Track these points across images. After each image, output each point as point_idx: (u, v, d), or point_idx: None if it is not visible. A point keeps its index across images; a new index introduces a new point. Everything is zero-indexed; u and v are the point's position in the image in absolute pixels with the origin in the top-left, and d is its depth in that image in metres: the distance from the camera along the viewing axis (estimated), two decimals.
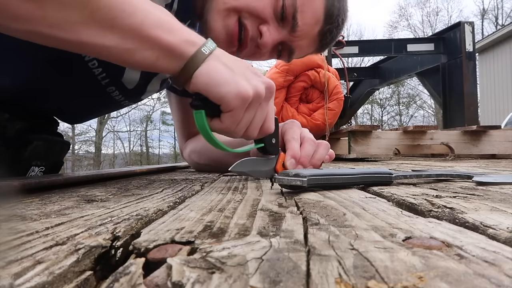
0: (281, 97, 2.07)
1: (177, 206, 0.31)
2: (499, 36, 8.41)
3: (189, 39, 0.41)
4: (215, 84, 0.39)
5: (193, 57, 0.40)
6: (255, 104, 0.43)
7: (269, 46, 0.62)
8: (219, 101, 0.40)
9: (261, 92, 0.42)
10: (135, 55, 0.40)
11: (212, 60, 0.41)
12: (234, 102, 0.40)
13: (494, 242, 0.17)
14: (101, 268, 0.16)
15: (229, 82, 0.40)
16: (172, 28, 0.41)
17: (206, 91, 0.40)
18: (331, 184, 0.41)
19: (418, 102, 16.44)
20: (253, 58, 0.66)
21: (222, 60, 0.42)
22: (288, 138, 0.55)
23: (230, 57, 0.44)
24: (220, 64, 0.41)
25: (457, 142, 1.83)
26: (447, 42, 2.77)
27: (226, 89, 0.39)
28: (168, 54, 0.40)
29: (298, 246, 0.17)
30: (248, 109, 0.42)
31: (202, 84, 0.40)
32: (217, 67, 0.40)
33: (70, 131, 15.00)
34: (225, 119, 0.41)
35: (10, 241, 0.19)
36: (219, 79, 0.40)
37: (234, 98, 0.39)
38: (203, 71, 0.40)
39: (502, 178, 0.45)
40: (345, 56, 2.82)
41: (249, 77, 0.42)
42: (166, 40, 0.40)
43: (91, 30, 0.38)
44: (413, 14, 22.66)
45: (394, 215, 0.25)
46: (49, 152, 0.74)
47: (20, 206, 0.31)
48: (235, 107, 0.40)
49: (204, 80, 0.40)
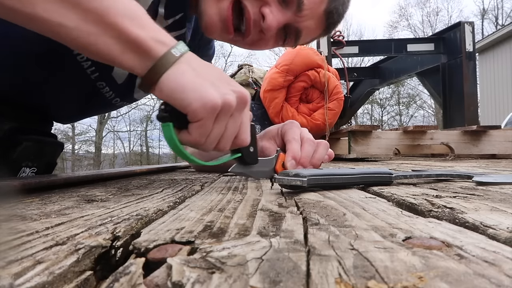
0: (281, 97, 2.07)
1: (177, 206, 0.31)
2: (499, 36, 8.40)
3: (160, 38, 0.38)
4: (181, 90, 0.37)
5: (162, 58, 0.37)
6: (225, 115, 0.39)
7: (274, 28, 0.58)
8: (185, 110, 0.37)
9: (231, 101, 0.39)
10: (97, 42, 0.37)
11: (182, 64, 0.38)
12: (200, 111, 0.37)
13: (494, 242, 0.17)
14: (101, 268, 0.16)
15: (196, 89, 0.37)
16: (143, 23, 0.38)
17: (171, 98, 0.37)
18: (331, 184, 0.41)
19: (418, 102, 16.45)
20: (257, 46, 0.63)
21: (192, 65, 0.39)
22: (289, 139, 0.55)
23: (202, 63, 0.41)
24: (189, 69, 0.38)
25: (457, 142, 1.83)
26: (447, 42, 2.77)
27: (192, 96, 0.36)
28: (135, 49, 0.37)
29: (298, 246, 0.17)
30: (218, 120, 0.39)
31: (168, 90, 0.37)
32: (185, 72, 0.38)
33: (70, 131, 15.02)
34: (193, 130, 0.38)
35: (10, 241, 0.19)
36: (185, 85, 0.37)
37: (201, 106, 0.36)
38: (170, 75, 0.37)
39: (502, 178, 0.45)
40: (345, 56, 2.82)
41: (220, 85, 0.39)
42: (134, 33, 0.37)
43: (49, 5, 0.35)
44: (413, 14, 22.66)
45: (394, 215, 0.25)
46: (40, 153, 0.72)
47: (20, 206, 0.31)
48: (202, 117, 0.37)
49: (170, 86, 0.37)
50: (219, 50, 15.98)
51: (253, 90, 2.24)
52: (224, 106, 0.38)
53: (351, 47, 2.87)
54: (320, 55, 2.15)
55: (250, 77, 2.30)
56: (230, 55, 17.91)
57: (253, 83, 2.28)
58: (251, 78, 2.30)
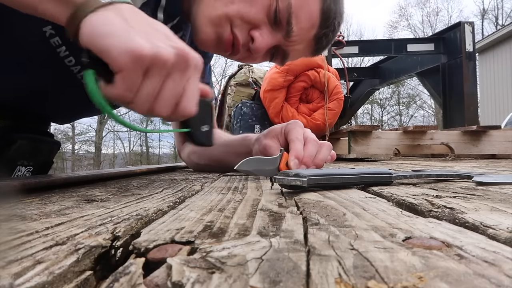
0: (281, 97, 2.07)
1: (177, 206, 0.31)
2: (499, 36, 8.40)
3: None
4: (101, 34, 0.33)
5: (85, 3, 0.34)
6: (158, 71, 0.35)
7: (263, 51, 0.59)
8: (104, 56, 0.33)
9: (164, 55, 0.34)
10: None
11: (110, 11, 0.35)
12: (122, 59, 0.32)
13: (494, 242, 0.17)
14: (101, 268, 0.16)
15: (119, 34, 0.33)
16: None
17: (91, 44, 0.34)
18: (331, 184, 0.41)
19: (418, 102, 16.46)
20: (245, 61, 0.65)
21: (124, 14, 0.35)
22: (292, 138, 0.55)
23: (139, 13, 0.37)
24: (116, 16, 0.34)
25: (457, 142, 1.83)
26: (447, 42, 2.77)
27: (112, 41, 0.33)
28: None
29: (298, 246, 0.17)
30: (148, 76, 0.35)
31: (87, 36, 0.34)
32: (109, 18, 0.34)
33: (70, 131, 15.03)
34: (117, 82, 0.34)
35: (10, 241, 0.19)
36: (107, 31, 0.33)
37: (122, 53, 0.32)
38: (91, 20, 0.34)
39: (502, 178, 0.45)
40: (345, 56, 2.82)
41: (155, 37, 0.35)
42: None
43: None
44: (413, 14, 22.71)
45: (394, 215, 0.25)
46: (35, 151, 0.72)
47: (20, 206, 0.31)
48: (125, 66, 0.33)
49: (90, 31, 0.34)
50: None
51: (253, 90, 2.24)
52: (155, 60, 0.34)
53: (351, 47, 2.87)
54: (320, 55, 2.15)
55: (250, 77, 2.30)
56: None
57: (253, 83, 2.28)
58: (251, 78, 2.30)
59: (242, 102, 2.19)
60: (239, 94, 2.28)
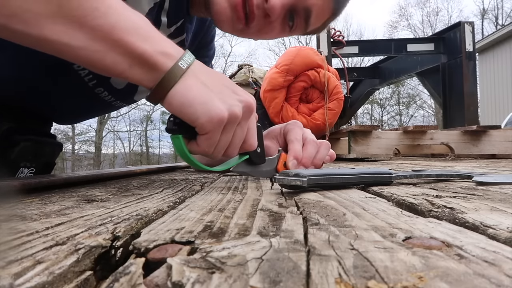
0: (281, 97, 2.07)
1: (177, 206, 0.31)
2: (499, 36, 8.40)
3: (166, 50, 0.38)
4: (189, 105, 0.37)
5: (170, 72, 0.38)
6: (231, 125, 0.41)
7: (278, 10, 0.55)
8: (193, 124, 0.38)
9: (237, 113, 0.40)
10: (105, 59, 0.37)
11: (190, 77, 0.39)
12: (208, 125, 0.38)
13: (494, 242, 0.17)
14: (101, 268, 0.16)
15: (204, 103, 0.38)
16: (148, 36, 0.38)
17: (180, 113, 0.38)
18: (331, 184, 0.41)
19: (418, 102, 16.46)
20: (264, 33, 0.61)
21: (200, 77, 0.39)
22: (291, 139, 0.55)
23: (209, 72, 0.41)
24: (197, 82, 0.39)
25: (457, 142, 1.83)
26: (447, 42, 2.77)
27: (200, 111, 0.37)
28: (142, 64, 0.38)
29: (298, 246, 0.17)
30: (225, 131, 0.40)
31: (177, 105, 0.38)
32: (193, 86, 0.38)
33: (70, 131, 15.03)
34: (201, 142, 0.40)
35: (10, 241, 0.19)
36: (193, 100, 0.37)
37: (208, 120, 0.38)
38: (178, 90, 0.38)
39: (502, 178, 0.45)
40: (345, 56, 2.82)
41: (226, 97, 0.40)
42: (140, 48, 0.37)
43: (57, 26, 0.34)
44: (413, 14, 22.63)
45: (394, 215, 0.25)
46: (38, 153, 0.72)
47: (20, 206, 0.31)
48: (210, 130, 0.38)
49: (179, 101, 0.38)
50: (219, 50, 16.00)
51: (253, 90, 2.24)
52: (231, 118, 0.40)
53: (351, 47, 2.87)
54: (320, 55, 2.15)
55: (250, 77, 2.31)
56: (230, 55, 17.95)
57: (253, 83, 2.28)
58: (251, 78, 2.30)
59: None
60: None
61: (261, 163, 0.50)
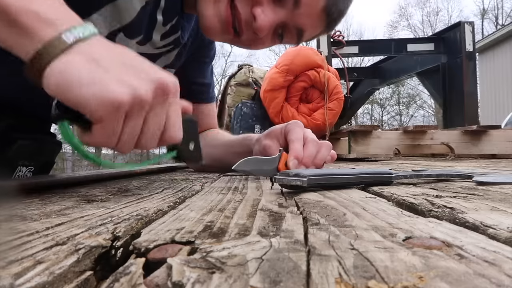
0: (281, 97, 2.07)
1: (177, 206, 0.31)
2: (499, 36, 8.41)
3: (48, 17, 0.32)
4: (70, 86, 0.30)
5: (48, 44, 0.31)
6: (138, 112, 0.33)
7: (266, 29, 0.55)
8: (79, 108, 0.31)
9: (144, 95, 0.32)
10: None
11: (75, 53, 0.31)
12: (99, 112, 0.30)
13: (494, 242, 0.17)
14: (101, 268, 0.16)
15: (91, 83, 0.30)
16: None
17: (60, 95, 0.31)
18: (331, 184, 0.41)
19: (418, 102, 16.47)
20: (254, 45, 0.61)
21: (93, 54, 0.32)
22: (292, 139, 0.55)
23: (112, 50, 0.34)
24: (85, 59, 0.31)
25: (457, 142, 1.83)
26: (447, 42, 2.77)
27: (85, 92, 0.30)
28: (18, 31, 0.31)
29: (298, 246, 0.17)
30: (129, 119, 0.33)
31: (52, 86, 0.31)
32: (78, 63, 0.31)
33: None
34: (96, 131, 0.32)
35: (10, 241, 0.19)
36: (77, 81, 0.30)
37: (99, 105, 0.30)
38: (56, 67, 0.31)
39: (502, 178, 0.45)
40: (345, 56, 2.82)
41: (130, 77, 0.32)
42: (13, 10, 0.31)
43: None
44: (413, 14, 22.58)
45: (394, 215, 0.25)
46: (36, 152, 0.71)
47: (20, 206, 0.31)
48: (104, 118, 0.31)
49: (57, 81, 0.30)
50: (219, 50, 16.00)
51: (253, 90, 2.24)
52: (135, 103, 0.32)
53: (351, 47, 2.87)
54: (320, 55, 2.15)
55: (250, 77, 2.31)
56: (230, 55, 17.92)
57: (253, 83, 2.28)
58: (251, 78, 2.30)
59: (242, 102, 2.19)
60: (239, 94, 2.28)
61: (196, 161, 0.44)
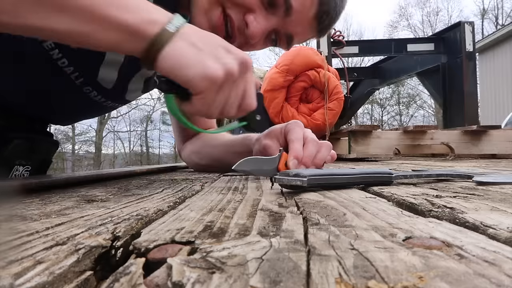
0: (281, 97, 2.07)
1: (177, 206, 0.31)
2: (499, 36, 8.41)
3: (151, 17, 0.39)
4: (180, 66, 0.38)
5: (157, 37, 0.38)
6: (227, 84, 0.40)
7: (258, 36, 0.58)
8: (186, 85, 0.39)
9: (233, 70, 0.40)
10: (95, 37, 0.38)
11: (179, 39, 0.39)
12: (202, 85, 0.38)
13: (494, 242, 0.17)
14: (101, 268, 0.16)
15: (196, 64, 0.38)
16: (131, 6, 0.38)
17: (172, 75, 0.38)
18: (331, 184, 0.41)
19: (418, 102, 16.47)
20: (245, 49, 0.63)
21: (191, 39, 0.39)
22: (291, 138, 0.55)
23: (201, 33, 0.41)
24: (186, 44, 0.39)
25: (457, 142, 1.83)
26: (447, 42, 2.77)
27: (192, 71, 0.38)
28: (129, 35, 0.38)
29: (298, 246, 0.17)
30: (221, 90, 0.40)
31: (167, 68, 0.38)
32: (182, 47, 0.38)
33: (70, 131, 15.03)
34: (195, 101, 0.40)
35: (10, 241, 0.19)
36: (184, 61, 0.38)
37: (202, 80, 0.38)
38: (168, 53, 0.38)
39: (502, 178, 0.45)
40: (345, 56, 2.82)
41: (220, 56, 0.40)
42: (124, 20, 0.37)
43: (39, 14, 0.35)
44: (413, 14, 22.55)
45: (394, 215, 0.25)
46: (32, 151, 0.72)
47: (20, 206, 0.31)
48: (204, 90, 0.39)
49: (169, 63, 0.38)
50: None
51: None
52: (227, 76, 0.39)
53: (351, 47, 2.87)
54: (320, 55, 2.15)
55: None
56: None
57: None
58: None
59: None
60: None
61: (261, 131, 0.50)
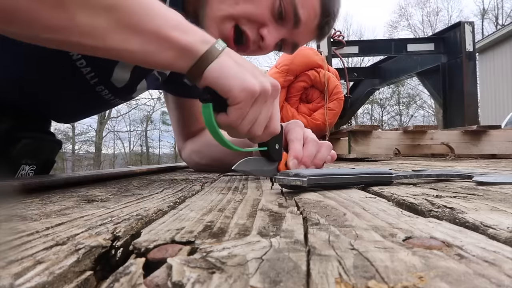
0: (281, 97, 2.07)
1: (177, 206, 0.31)
2: (499, 36, 8.40)
3: (204, 38, 0.43)
4: (225, 77, 0.41)
5: (207, 53, 0.42)
6: (261, 101, 0.44)
7: (271, 47, 0.64)
8: (227, 94, 0.41)
9: (268, 88, 0.44)
10: (157, 56, 0.42)
11: (225, 56, 0.43)
12: (240, 95, 0.41)
13: (494, 242, 0.17)
14: (101, 268, 0.16)
15: (237, 75, 0.41)
16: (188, 29, 0.43)
17: (215, 84, 0.42)
18: (331, 184, 0.41)
19: (418, 102, 16.46)
20: (254, 54, 0.68)
21: (233, 57, 0.44)
22: (291, 138, 0.55)
23: (240, 56, 0.46)
24: (231, 59, 0.43)
25: (457, 142, 1.83)
26: (447, 42, 2.77)
27: (234, 82, 0.41)
28: (184, 54, 0.42)
29: (298, 246, 0.17)
30: (254, 105, 0.43)
31: (213, 78, 0.42)
32: (228, 62, 0.43)
33: (70, 131, 15.02)
34: (231, 112, 0.42)
35: (10, 241, 0.19)
36: (229, 72, 0.41)
37: (241, 91, 0.41)
38: (216, 65, 0.42)
39: (502, 178, 0.45)
40: (345, 56, 2.82)
41: (257, 75, 0.44)
42: (183, 41, 0.42)
43: (117, 35, 0.40)
44: (413, 14, 22.50)
45: (394, 215, 0.25)
46: (38, 150, 0.73)
47: (20, 206, 0.31)
48: (242, 100, 0.41)
49: (215, 74, 0.42)
50: None
51: None
52: (262, 92, 0.43)
53: (351, 47, 2.87)
54: (320, 55, 2.15)
55: None
56: None
57: None
58: None
59: None
60: None
61: (278, 159, 0.52)
